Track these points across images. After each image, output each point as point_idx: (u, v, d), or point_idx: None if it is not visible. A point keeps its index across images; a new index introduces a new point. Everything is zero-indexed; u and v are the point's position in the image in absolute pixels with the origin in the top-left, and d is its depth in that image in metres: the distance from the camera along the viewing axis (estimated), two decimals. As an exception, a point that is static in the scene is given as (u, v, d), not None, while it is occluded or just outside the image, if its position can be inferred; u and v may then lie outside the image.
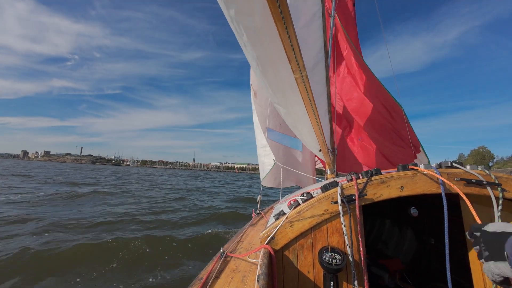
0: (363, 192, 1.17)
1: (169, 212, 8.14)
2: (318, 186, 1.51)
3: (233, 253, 1.41)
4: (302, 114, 1.51)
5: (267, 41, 0.92)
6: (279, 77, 1.21)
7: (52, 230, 5.29)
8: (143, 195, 12.25)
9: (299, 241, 1.18)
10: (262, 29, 0.86)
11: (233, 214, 8.37)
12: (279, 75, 1.19)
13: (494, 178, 1.14)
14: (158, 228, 6.01)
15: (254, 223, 2.41)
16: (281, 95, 1.42)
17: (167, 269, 3.70)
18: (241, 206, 10.49)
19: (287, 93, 1.36)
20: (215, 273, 1.13)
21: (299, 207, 1.23)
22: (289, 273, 1.16)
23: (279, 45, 0.89)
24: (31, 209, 7.23)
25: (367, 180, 1.20)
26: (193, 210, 8.62)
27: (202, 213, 8.09)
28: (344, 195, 1.16)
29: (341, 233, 1.16)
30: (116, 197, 10.87)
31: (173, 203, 10.05)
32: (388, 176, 1.19)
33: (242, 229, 2.28)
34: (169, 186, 18.57)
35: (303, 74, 1.09)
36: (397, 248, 2.22)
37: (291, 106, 1.51)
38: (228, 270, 1.18)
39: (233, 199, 12.87)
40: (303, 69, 1.06)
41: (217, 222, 7.13)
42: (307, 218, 1.18)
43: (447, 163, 1.25)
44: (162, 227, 6.10)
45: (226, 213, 8.33)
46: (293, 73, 1.08)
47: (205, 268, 1.23)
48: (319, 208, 1.18)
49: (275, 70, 1.14)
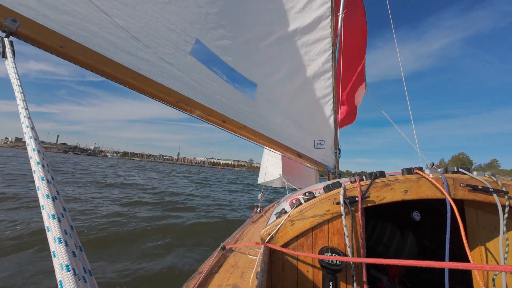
0: (366, 194, 1.16)
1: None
2: (321, 186, 1.51)
3: (233, 249, 1.42)
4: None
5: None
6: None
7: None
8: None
9: (299, 240, 1.18)
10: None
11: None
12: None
13: (501, 186, 1.12)
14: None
15: (255, 220, 2.42)
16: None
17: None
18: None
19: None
20: (215, 268, 1.14)
21: (301, 206, 1.23)
22: (288, 271, 1.16)
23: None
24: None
25: (371, 182, 1.18)
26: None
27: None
28: (346, 196, 1.16)
29: (342, 234, 1.15)
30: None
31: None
32: (392, 179, 1.18)
33: (243, 225, 2.29)
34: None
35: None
36: (397, 252, 2.21)
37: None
38: (228, 265, 1.18)
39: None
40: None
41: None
42: (308, 218, 1.18)
43: (453, 168, 1.23)
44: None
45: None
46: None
47: (205, 262, 1.24)
48: (320, 208, 1.18)
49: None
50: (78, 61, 0.79)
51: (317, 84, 2.31)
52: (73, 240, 0.41)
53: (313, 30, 2.20)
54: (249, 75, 1.91)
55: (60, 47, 0.73)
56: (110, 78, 0.91)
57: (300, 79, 2.24)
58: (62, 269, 0.34)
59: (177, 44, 1.35)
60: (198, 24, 1.53)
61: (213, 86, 1.55)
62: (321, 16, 2.21)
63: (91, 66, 0.83)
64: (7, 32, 0.67)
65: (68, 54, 0.75)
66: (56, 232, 0.38)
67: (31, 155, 0.51)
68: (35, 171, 0.47)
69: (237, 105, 1.70)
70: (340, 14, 2.51)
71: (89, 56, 0.80)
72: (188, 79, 1.35)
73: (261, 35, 2.02)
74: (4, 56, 0.67)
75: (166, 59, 1.23)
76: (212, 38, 1.61)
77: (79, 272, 0.36)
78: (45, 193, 0.44)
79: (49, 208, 0.41)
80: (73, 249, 0.39)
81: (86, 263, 0.41)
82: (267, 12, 2.05)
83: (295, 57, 2.20)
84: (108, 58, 0.87)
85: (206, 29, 1.59)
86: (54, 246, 0.37)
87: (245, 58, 1.87)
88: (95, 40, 0.86)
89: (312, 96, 2.32)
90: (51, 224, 0.39)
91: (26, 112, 0.60)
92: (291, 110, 2.23)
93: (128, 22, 1.04)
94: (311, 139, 2.36)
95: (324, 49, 2.25)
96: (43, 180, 0.46)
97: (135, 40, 1.06)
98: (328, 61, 2.27)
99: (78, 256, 0.39)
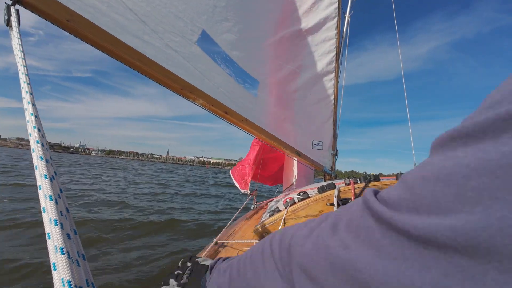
0: (359, 197, 1.17)
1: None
2: (315, 186, 1.52)
3: (226, 244, 1.41)
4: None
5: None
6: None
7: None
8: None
9: None
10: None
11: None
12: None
13: None
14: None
15: (249, 217, 2.41)
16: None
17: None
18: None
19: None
20: None
21: (294, 205, 1.23)
22: None
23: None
24: None
25: (365, 186, 1.20)
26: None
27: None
28: (340, 198, 1.16)
29: None
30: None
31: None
32: (386, 183, 1.20)
33: (236, 221, 2.28)
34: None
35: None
36: None
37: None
38: None
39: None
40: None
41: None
42: (301, 218, 1.18)
43: None
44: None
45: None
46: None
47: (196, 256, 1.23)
48: (314, 209, 1.18)
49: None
50: (85, 37, 0.77)
51: (320, 84, 2.33)
52: (68, 223, 0.40)
53: (318, 30, 2.22)
54: (252, 72, 1.91)
55: (67, 20, 0.70)
56: (116, 58, 0.89)
57: (303, 79, 2.25)
58: (57, 251, 0.33)
59: (184, 33, 1.34)
60: (205, 15, 1.52)
61: (217, 79, 1.54)
62: (328, 16, 2.22)
63: (98, 44, 0.81)
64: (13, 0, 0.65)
65: (75, 28, 0.73)
66: (52, 214, 0.37)
67: (30, 132, 0.50)
68: (34, 149, 0.46)
69: (239, 100, 1.69)
70: (347, 16, 2.54)
71: (96, 33, 0.78)
72: (192, 69, 1.34)
73: (266, 32, 2.02)
74: (9, 25, 0.65)
75: (172, 46, 1.21)
76: (218, 31, 1.61)
77: (73, 255, 0.35)
78: (43, 173, 0.43)
79: (47, 188, 0.40)
80: (68, 231, 0.38)
81: (80, 246, 0.40)
82: (273, 10, 2.06)
83: (299, 56, 2.21)
84: (116, 38, 0.85)
85: (213, 22, 1.58)
86: (49, 228, 0.36)
87: (249, 55, 1.87)
88: (102, 18, 0.84)
89: (313, 97, 2.33)
90: (47, 205, 0.38)
91: (28, 88, 0.58)
92: (292, 110, 2.24)
93: (137, 5, 1.02)
94: (309, 139, 2.37)
95: (328, 50, 2.27)
96: (42, 160, 0.44)
97: (143, 24, 1.04)
98: (332, 62, 2.29)
99: (72, 239, 0.38)
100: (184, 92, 1.19)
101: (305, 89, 2.30)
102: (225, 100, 1.51)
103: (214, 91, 1.47)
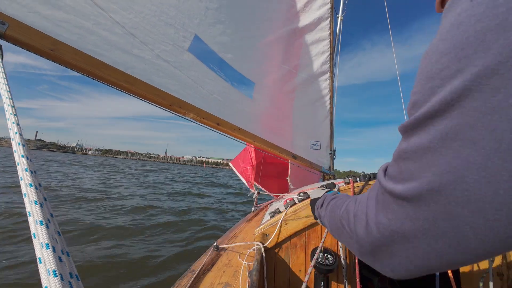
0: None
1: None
2: (315, 186, 1.52)
3: (227, 248, 1.43)
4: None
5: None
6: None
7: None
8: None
9: (292, 240, 1.20)
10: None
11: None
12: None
13: None
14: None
15: (249, 219, 2.43)
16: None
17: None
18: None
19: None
20: (208, 266, 1.15)
21: (295, 206, 1.24)
22: (280, 270, 1.18)
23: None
24: None
25: (364, 184, 1.20)
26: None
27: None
28: None
29: None
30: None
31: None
32: None
33: (236, 224, 2.30)
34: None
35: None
36: None
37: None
38: (221, 264, 1.19)
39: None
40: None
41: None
42: (302, 218, 1.19)
43: None
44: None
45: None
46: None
47: (197, 260, 1.25)
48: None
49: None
50: (69, 64, 0.76)
51: (315, 84, 2.31)
52: (60, 246, 0.41)
53: (313, 30, 2.19)
54: (248, 74, 1.89)
55: (51, 50, 0.70)
56: (102, 81, 0.88)
57: (298, 79, 2.23)
58: (49, 275, 0.33)
59: (175, 40, 1.32)
60: (197, 19, 1.49)
61: (210, 85, 1.53)
62: (321, 17, 2.19)
63: (82, 69, 0.80)
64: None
65: (59, 56, 0.72)
66: (44, 238, 0.38)
67: (18, 161, 0.50)
68: (22, 177, 0.46)
69: (234, 104, 1.68)
70: (340, 16, 2.50)
71: (79, 59, 0.77)
72: (184, 77, 1.33)
73: (260, 33, 1.99)
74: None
75: (162, 57, 1.20)
76: (211, 34, 1.58)
77: (66, 277, 0.36)
78: (33, 200, 0.43)
79: (37, 214, 0.41)
80: (59, 254, 0.39)
81: (73, 267, 0.41)
82: (267, 10, 2.02)
83: (294, 57, 2.19)
84: (101, 61, 0.84)
85: (205, 25, 1.56)
86: (40, 252, 0.36)
87: (244, 56, 1.85)
88: (89, 37, 0.83)
89: (309, 97, 2.32)
90: (38, 231, 0.39)
91: (13, 111, 0.58)
92: (289, 110, 2.23)
93: (125, 17, 1.01)
94: (307, 140, 2.37)
95: (322, 50, 2.24)
96: (31, 187, 0.45)
97: (131, 37, 1.03)
98: (326, 62, 2.27)
99: (64, 261, 0.39)
100: (174, 108, 1.19)
101: (302, 89, 2.28)
102: (218, 108, 1.50)
103: (207, 99, 1.46)
